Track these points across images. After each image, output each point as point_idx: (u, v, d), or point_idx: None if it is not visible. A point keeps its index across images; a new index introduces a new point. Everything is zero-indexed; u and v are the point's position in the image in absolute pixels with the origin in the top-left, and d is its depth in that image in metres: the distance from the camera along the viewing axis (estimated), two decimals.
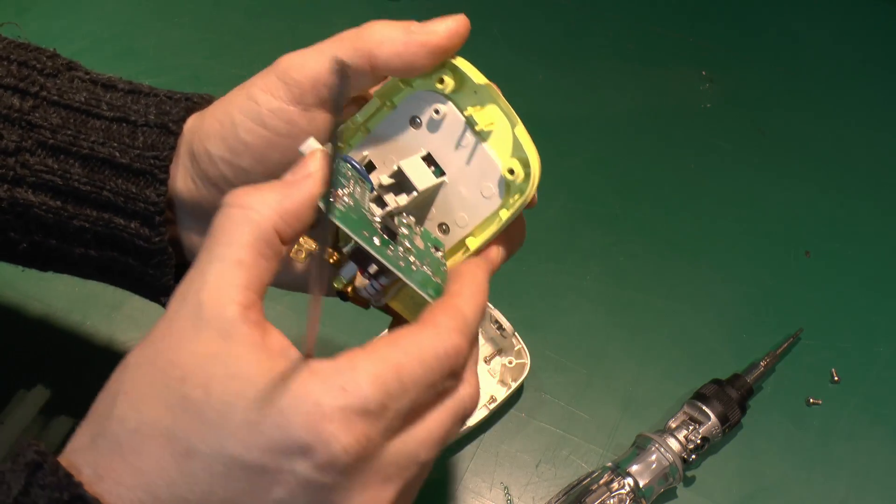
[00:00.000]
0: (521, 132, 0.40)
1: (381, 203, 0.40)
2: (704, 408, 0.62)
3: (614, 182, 0.77)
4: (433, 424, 0.34)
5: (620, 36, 0.88)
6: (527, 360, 0.63)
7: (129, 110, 0.43)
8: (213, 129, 0.41)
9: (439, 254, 0.42)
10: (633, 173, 0.78)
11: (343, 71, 0.28)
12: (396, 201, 0.40)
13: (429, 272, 0.39)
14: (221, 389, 0.31)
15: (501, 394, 0.63)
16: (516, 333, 0.64)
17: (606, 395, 0.66)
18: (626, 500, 0.58)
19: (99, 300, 0.67)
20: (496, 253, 0.42)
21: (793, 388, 0.67)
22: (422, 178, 0.41)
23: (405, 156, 0.41)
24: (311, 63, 0.39)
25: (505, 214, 0.41)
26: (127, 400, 0.32)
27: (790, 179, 0.78)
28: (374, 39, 0.39)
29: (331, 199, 0.30)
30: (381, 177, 0.41)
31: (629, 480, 0.58)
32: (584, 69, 0.85)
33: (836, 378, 0.67)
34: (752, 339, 0.68)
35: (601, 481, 0.59)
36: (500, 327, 0.64)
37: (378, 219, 0.39)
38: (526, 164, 0.40)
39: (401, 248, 0.39)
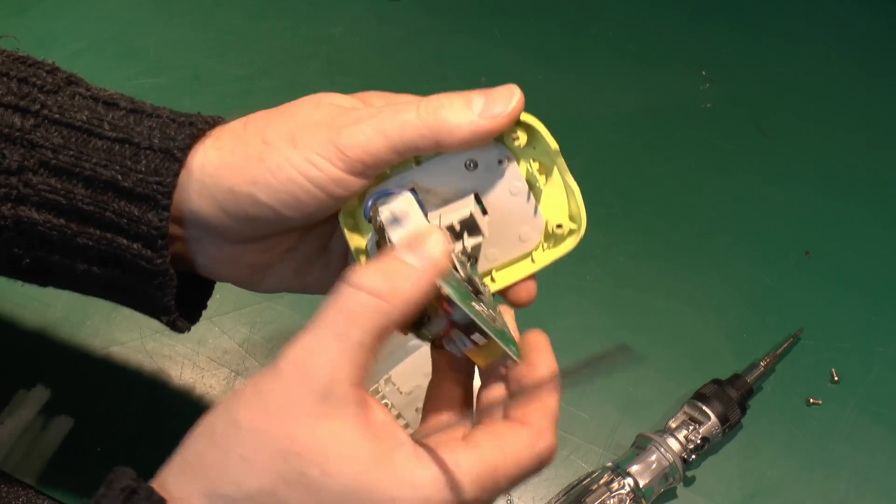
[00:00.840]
0: (580, 198, 0.43)
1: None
2: (704, 408, 0.62)
3: (614, 182, 0.77)
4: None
5: (620, 36, 0.88)
6: None
7: (132, 131, 0.43)
8: (264, 179, 0.41)
9: (487, 289, 0.44)
10: (633, 173, 0.78)
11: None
12: (464, 244, 0.43)
13: (502, 323, 0.41)
14: (338, 471, 0.34)
15: None
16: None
17: (606, 395, 0.66)
18: (626, 500, 0.58)
19: (99, 301, 0.66)
20: (529, 293, 0.45)
21: (793, 388, 0.67)
22: (483, 222, 0.42)
23: (449, 192, 0.42)
24: (374, 143, 0.40)
25: (540, 258, 0.44)
26: (246, 465, 0.35)
27: (790, 179, 0.78)
28: (442, 128, 0.40)
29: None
30: (452, 219, 0.42)
31: (629, 480, 0.58)
32: (584, 69, 0.85)
33: (836, 378, 0.67)
34: (752, 339, 0.68)
35: (601, 481, 0.59)
36: None
37: (463, 276, 0.40)
38: (573, 223, 0.43)
39: (483, 303, 0.41)
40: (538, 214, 0.43)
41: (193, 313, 0.48)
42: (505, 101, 0.40)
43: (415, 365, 0.65)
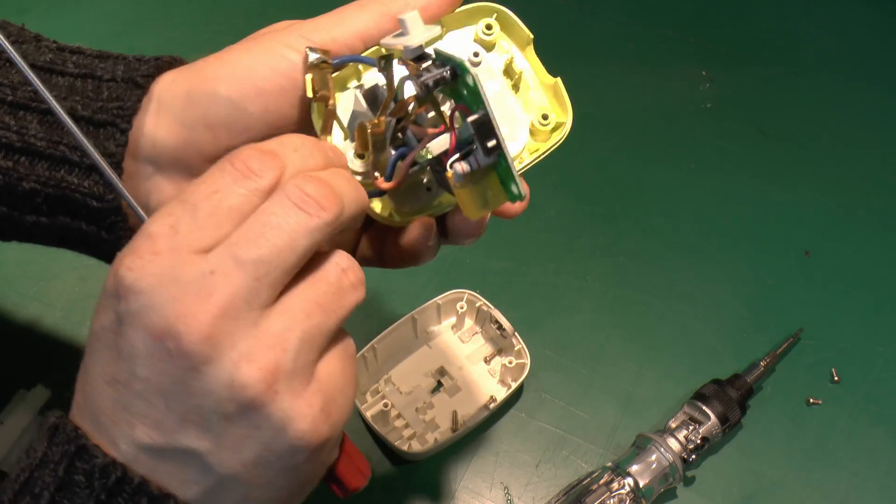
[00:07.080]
0: (560, 85, 0.42)
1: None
2: (704, 408, 0.62)
3: (614, 182, 0.77)
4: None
5: (620, 36, 0.88)
6: (527, 360, 0.63)
7: (96, 68, 0.42)
8: (224, 72, 0.40)
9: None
10: (633, 173, 0.78)
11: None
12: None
13: None
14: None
15: (501, 394, 0.63)
16: (516, 333, 0.64)
17: (606, 395, 0.66)
18: (626, 500, 0.58)
19: None
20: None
21: (793, 388, 0.67)
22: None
23: None
24: (336, 30, 0.40)
25: (530, 157, 0.42)
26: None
27: (790, 179, 0.78)
28: (399, 3, 0.40)
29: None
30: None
31: (629, 480, 0.58)
32: (584, 69, 0.85)
33: (836, 378, 0.67)
34: (752, 339, 0.68)
35: (601, 481, 0.59)
36: (500, 327, 0.64)
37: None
38: (558, 114, 0.42)
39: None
40: (520, 109, 0.42)
41: None
42: None
43: (415, 365, 0.65)
